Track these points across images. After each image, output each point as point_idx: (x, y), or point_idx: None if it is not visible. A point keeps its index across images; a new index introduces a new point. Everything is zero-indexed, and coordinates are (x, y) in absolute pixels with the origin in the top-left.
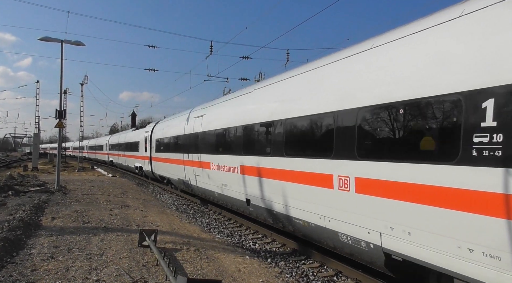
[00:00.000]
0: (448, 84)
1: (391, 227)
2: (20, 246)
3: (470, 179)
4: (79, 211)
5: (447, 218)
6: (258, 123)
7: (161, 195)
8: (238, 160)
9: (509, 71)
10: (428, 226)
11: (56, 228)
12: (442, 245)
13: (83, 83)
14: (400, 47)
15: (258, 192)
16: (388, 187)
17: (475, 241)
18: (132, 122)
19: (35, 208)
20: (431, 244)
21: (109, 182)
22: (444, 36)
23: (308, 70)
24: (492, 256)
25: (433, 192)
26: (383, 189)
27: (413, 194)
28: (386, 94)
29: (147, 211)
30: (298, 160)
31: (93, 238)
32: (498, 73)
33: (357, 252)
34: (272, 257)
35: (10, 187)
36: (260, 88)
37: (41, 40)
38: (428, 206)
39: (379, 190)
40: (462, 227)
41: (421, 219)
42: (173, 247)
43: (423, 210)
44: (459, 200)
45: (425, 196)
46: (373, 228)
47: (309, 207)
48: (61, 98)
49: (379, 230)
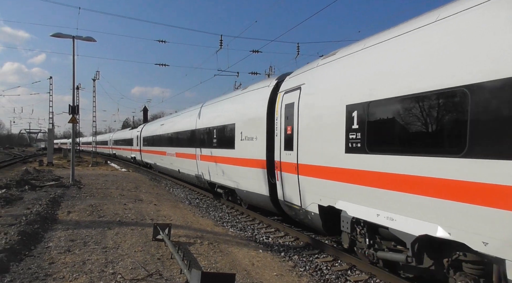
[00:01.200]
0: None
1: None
2: (37, 240)
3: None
4: (94, 205)
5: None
6: (191, 129)
7: (174, 189)
8: (173, 150)
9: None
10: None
11: (72, 221)
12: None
13: (95, 78)
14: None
15: (184, 166)
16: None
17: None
18: (144, 117)
19: (51, 202)
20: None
21: (123, 176)
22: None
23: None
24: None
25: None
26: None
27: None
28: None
29: (161, 205)
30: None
31: (108, 232)
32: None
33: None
34: (286, 251)
35: (27, 181)
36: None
37: (53, 36)
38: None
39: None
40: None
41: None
42: (187, 240)
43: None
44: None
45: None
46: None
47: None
48: (74, 94)
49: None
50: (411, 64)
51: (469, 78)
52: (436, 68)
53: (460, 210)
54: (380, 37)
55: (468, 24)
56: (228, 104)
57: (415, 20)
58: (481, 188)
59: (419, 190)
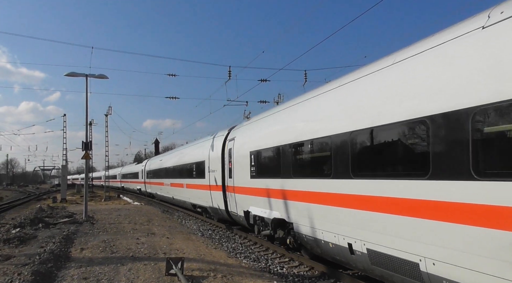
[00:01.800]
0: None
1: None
2: (51, 279)
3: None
4: (107, 240)
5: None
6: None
7: (186, 221)
8: (168, 181)
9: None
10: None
11: (85, 259)
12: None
13: (107, 114)
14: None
15: (176, 193)
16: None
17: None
18: (155, 150)
19: (65, 240)
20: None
21: (135, 210)
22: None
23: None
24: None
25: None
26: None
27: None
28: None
29: (173, 238)
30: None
31: (121, 268)
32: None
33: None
34: (301, 281)
35: (40, 219)
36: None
37: (67, 75)
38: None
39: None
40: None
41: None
42: (200, 274)
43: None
44: None
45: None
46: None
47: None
48: (87, 130)
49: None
50: (277, 129)
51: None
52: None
53: (283, 204)
54: (262, 114)
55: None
56: (200, 147)
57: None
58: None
59: (270, 195)
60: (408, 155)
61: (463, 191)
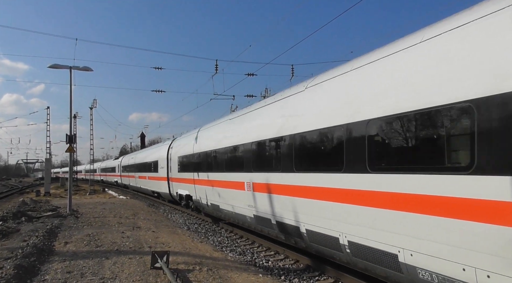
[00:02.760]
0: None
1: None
2: (34, 273)
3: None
4: (91, 234)
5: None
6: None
7: (172, 215)
8: (137, 174)
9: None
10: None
11: (69, 252)
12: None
13: (92, 107)
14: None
15: (142, 184)
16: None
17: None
18: (141, 143)
19: (48, 234)
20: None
21: (120, 203)
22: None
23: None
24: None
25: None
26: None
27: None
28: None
29: (159, 232)
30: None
31: (106, 262)
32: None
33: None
34: (286, 274)
35: (23, 213)
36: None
37: (50, 67)
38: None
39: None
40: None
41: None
42: (185, 267)
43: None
44: None
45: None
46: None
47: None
48: (71, 123)
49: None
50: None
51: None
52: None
53: (186, 186)
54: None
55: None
56: (157, 151)
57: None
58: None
59: (186, 182)
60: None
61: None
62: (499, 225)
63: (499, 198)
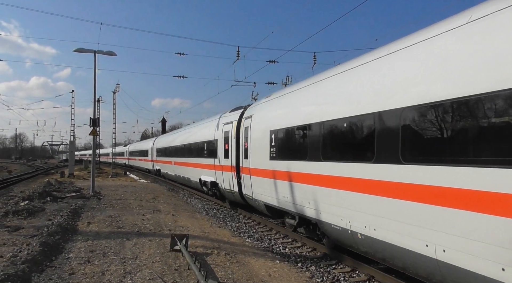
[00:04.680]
0: None
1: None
2: (58, 251)
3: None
4: (113, 216)
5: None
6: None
7: (191, 200)
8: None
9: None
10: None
11: (92, 232)
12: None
13: (115, 91)
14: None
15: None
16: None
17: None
18: (162, 128)
19: (72, 214)
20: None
21: (141, 187)
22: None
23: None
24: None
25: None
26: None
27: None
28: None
29: (178, 216)
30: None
31: (127, 243)
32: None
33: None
34: (303, 262)
35: (49, 193)
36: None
37: (75, 51)
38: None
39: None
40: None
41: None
42: (204, 251)
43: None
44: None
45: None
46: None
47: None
48: (95, 106)
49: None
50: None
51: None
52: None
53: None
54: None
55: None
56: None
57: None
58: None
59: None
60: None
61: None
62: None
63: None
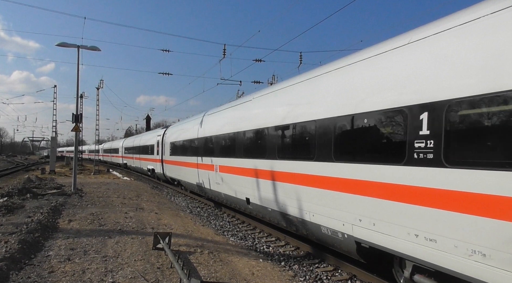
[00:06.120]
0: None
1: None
2: (38, 248)
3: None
4: (95, 213)
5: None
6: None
7: (175, 198)
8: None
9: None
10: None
11: (72, 230)
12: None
13: (99, 87)
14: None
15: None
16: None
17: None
18: (146, 126)
19: (52, 211)
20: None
21: (124, 184)
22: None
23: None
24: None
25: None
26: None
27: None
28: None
29: (162, 214)
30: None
31: (109, 241)
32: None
33: None
34: (286, 261)
35: (28, 189)
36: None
37: (58, 45)
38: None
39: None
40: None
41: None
42: (187, 249)
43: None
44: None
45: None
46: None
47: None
48: (78, 102)
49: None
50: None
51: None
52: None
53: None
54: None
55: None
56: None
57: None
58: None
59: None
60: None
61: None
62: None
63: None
